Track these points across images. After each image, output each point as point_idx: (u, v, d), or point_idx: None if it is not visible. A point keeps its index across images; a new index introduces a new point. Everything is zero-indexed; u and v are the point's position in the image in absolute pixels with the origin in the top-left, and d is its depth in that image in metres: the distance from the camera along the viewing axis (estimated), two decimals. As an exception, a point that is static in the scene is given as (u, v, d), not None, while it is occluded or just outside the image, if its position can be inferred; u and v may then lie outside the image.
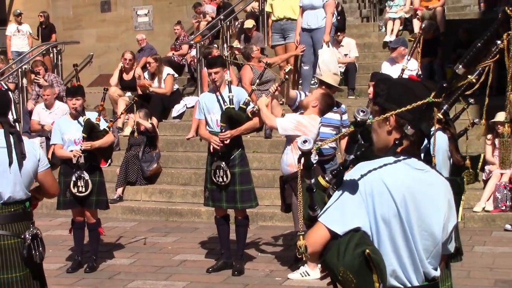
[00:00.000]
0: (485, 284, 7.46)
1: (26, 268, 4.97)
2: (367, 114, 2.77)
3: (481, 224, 9.78)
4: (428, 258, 2.98)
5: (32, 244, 4.92)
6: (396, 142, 2.96)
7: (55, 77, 14.59)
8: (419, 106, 2.90)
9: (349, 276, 2.79)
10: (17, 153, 4.90)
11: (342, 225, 2.87)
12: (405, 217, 2.91)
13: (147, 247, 9.36)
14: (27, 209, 5.04)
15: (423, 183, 2.98)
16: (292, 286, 7.60)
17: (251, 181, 8.12)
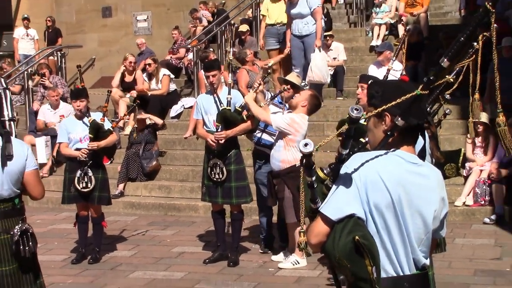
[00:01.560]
0: (465, 274, 7.51)
1: (16, 262, 4.95)
2: (360, 112, 2.79)
3: (461, 217, 9.83)
4: (420, 246, 3.00)
5: (21, 239, 4.91)
6: (388, 133, 2.99)
7: (60, 79, 14.62)
8: (408, 99, 2.92)
9: (344, 262, 2.81)
10: (2, 155, 4.85)
11: (337, 212, 2.89)
12: (399, 207, 2.93)
13: (148, 239, 9.39)
14: (16, 206, 4.99)
15: (416, 176, 3.00)
16: (284, 276, 7.64)
17: (245, 178, 8.16)
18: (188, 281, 7.54)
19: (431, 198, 3.02)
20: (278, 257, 8.13)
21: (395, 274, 2.95)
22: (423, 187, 3.00)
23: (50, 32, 18.23)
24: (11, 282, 4.95)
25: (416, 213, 2.97)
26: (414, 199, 2.97)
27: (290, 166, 7.53)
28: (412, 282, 2.97)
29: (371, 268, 2.78)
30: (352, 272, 2.82)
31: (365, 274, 2.80)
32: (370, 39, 15.49)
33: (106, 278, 7.77)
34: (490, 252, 8.30)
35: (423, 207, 2.99)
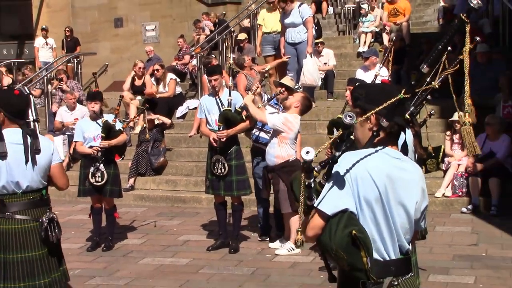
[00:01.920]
0: (445, 259, 7.48)
1: (44, 248, 4.96)
2: (353, 119, 2.80)
3: (441, 207, 9.81)
4: (404, 234, 3.01)
5: (48, 227, 4.92)
6: (374, 133, 3.00)
7: (76, 83, 14.59)
8: (392, 103, 2.93)
9: (341, 254, 2.82)
10: (31, 149, 4.89)
11: (332, 207, 2.90)
12: (386, 200, 2.94)
13: (156, 229, 9.35)
14: (43, 197, 5.02)
15: (400, 170, 3.01)
16: (281, 262, 7.60)
17: (245, 172, 8.13)
18: (193, 267, 7.50)
19: (413, 190, 3.03)
20: (275, 245, 8.10)
21: (382, 259, 2.96)
22: (406, 181, 3.01)
23: (69, 41, 18.19)
24: (40, 266, 4.97)
25: (400, 205, 2.98)
26: (399, 192, 2.98)
27: (284, 161, 7.52)
28: (397, 266, 3.00)
29: (366, 259, 2.80)
30: (349, 263, 2.84)
31: (360, 265, 2.82)
32: (357, 46, 15.48)
33: (118, 264, 7.72)
34: (467, 239, 8.27)
35: (406, 199, 3.00)
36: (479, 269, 7.10)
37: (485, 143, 9.97)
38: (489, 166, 9.73)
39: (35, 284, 4.94)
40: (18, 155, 4.86)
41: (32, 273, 4.92)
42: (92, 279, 7.14)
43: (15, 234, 4.89)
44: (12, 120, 4.93)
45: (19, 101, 5.05)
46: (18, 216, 4.90)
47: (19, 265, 4.91)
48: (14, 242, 4.89)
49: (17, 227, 4.90)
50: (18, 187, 4.88)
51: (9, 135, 4.89)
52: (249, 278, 7.03)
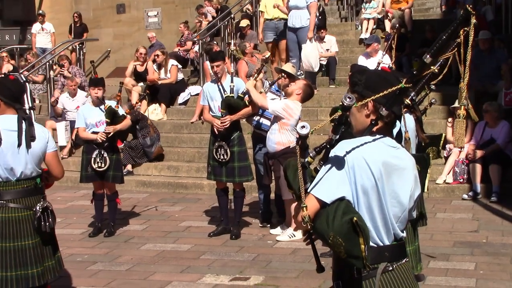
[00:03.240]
0: (446, 245, 7.48)
1: (37, 237, 4.96)
2: (353, 100, 2.78)
3: (442, 194, 9.80)
4: (397, 222, 3.00)
5: (42, 216, 4.91)
6: (373, 122, 2.97)
7: (78, 69, 14.55)
8: (393, 91, 2.91)
9: (339, 240, 2.80)
10: (27, 136, 4.87)
11: (330, 195, 2.87)
12: (381, 188, 2.92)
13: (158, 215, 9.35)
14: (38, 185, 5.02)
15: (395, 159, 3.00)
16: (282, 248, 7.60)
17: (247, 159, 8.11)
18: (194, 253, 7.51)
19: (406, 178, 3.02)
20: (276, 231, 8.10)
21: (376, 245, 2.95)
22: (400, 169, 3.00)
23: (78, 27, 18.10)
24: (34, 255, 4.97)
25: (394, 194, 2.97)
26: (394, 180, 2.96)
27: (284, 147, 7.51)
28: (391, 251, 2.99)
29: (364, 247, 2.78)
30: (346, 250, 2.81)
31: (357, 252, 2.80)
32: (359, 32, 15.43)
33: (120, 249, 7.73)
34: (468, 226, 8.27)
35: (400, 188, 2.99)
36: (480, 255, 7.10)
37: (485, 130, 9.97)
38: (490, 152, 9.72)
39: (27, 274, 4.91)
40: (13, 142, 4.84)
41: (25, 262, 4.90)
42: (94, 265, 7.15)
43: (9, 223, 4.88)
44: (8, 104, 4.91)
45: (15, 85, 5.04)
46: (12, 205, 4.88)
47: (12, 254, 4.88)
48: (7, 231, 4.87)
49: (10, 216, 4.88)
50: (13, 174, 4.86)
51: (4, 121, 4.87)
52: (250, 264, 7.04)
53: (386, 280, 2.96)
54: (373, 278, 2.94)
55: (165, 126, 12.73)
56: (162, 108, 13.10)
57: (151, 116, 12.90)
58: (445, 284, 6.26)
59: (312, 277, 6.43)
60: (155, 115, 12.96)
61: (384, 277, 2.96)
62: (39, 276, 4.98)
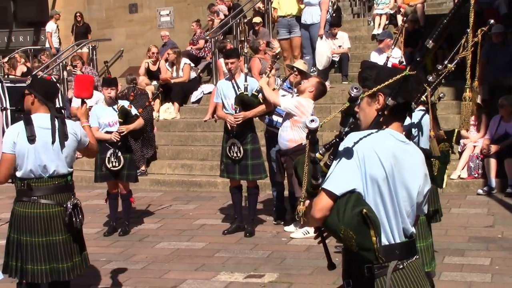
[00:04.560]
0: (460, 241, 7.44)
1: (68, 233, 5.05)
2: (360, 91, 2.76)
3: (457, 189, 9.77)
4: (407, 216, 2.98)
5: (72, 212, 4.97)
6: (379, 113, 2.95)
7: (91, 69, 14.60)
8: (398, 80, 2.88)
9: (349, 233, 2.78)
10: (60, 135, 4.95)
11: (340, 187, 2.85)
12: (391, 180, 2.91)
13: (172, 213, 9.37)
14: (69, 182, 5.11)
15: (405, 153, 2.98)
16: (296, 245, 7.60)
17: (261, 156, 8.11)
18: (209, 251, 7.52)
19: (416, 173, 3.00)
20: (290, 228, 8.09)
21: (388, 243, 2.93)
22: (410, 163, 2.98)
23: (80, 27, 18.13)
24: (64, 250, 5.06)
25: (404, 187, 2.95)
26: (403, 173, 2.95)
27: (296, 145, 7.51)
28: (402, 249, 2.97)
29: (375, 239, 2.76)
30: (357, 242, 2.79)
31: (369, 244, 2.77)
32: (371, 28, 15.38)
33: (134, 248, 7.75)
34: (483, 221, 8.23)
35: (409, 181, 2.97)
36: (495, 250, 7.06)
37: (500, 125, 9.91)
38: (504, 147, 9.66)
39: (58, 267, 5.03)
40: (46, 140, 4.95)
41: (56, 256, 5.01)
42: (109, 264, 7.18)
43: (40, 218, 4.97)
44: (42, 102, 5.03)
45: (50, 85, 5.18)
46: (43, 201, 4.97)
47: (45, 248, 4.98)
48: (39, 226, 4.97)
49: (42, 211, 4.97)
50: (45, 171, 4.95)
51: (38, 119, 4.98)
52: (265, 262, 7.04)
53: (397, 278, 2.94)
54: (384, 276, 2.92)
55: (178, 124, 12.76)
56: (175, 107, 13.12)
57: (164, 115, 12.94)
58: (460, 280, 6.24)
59: (326, 274, 6.40)
60: (168, 114, 12.99)
61: (395, 275, 2.94)
62: (69, 270, 5.09)
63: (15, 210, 5.07)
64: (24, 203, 5.00)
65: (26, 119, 4.98)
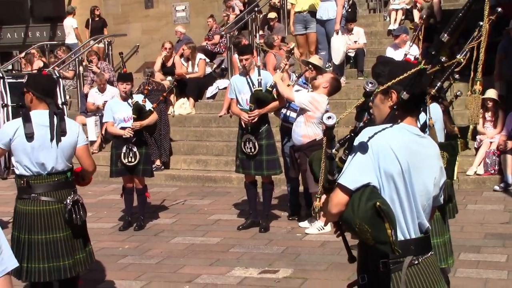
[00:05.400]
0: (476, 237, 7.41)
1: (69, 229, 5.04)
2: (374, 85, 2.75)
3: (473, 185, 9.71)
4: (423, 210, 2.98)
5: (73, 209, 4.96)
6: (394, 107, 2.95)
7: (107, 64, 14.65)
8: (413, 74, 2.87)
9: (365, 227, 2.77)
10: (58, 131, 4.94)
11: (354, 182, 2.85)
12: (407, 174, 2.90)
13: (187, 208, 9.39)
14: (68, 179, 5.09)
15: (420, 146, 2.98)
16: (311, 241, 7.59)
17: (275, 152, 8.10)
18: (223, 246, 7.53)
19: (432, 166, 3.00)
20: (305, 224, 8.09)
21: (403, 238, 2.92)
22: (425, 156, 2.98)
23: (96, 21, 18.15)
24: (65, 247, 5.05)
25: (419, 180, 2.94)
26: (419, 167, 2.94)
27: (310, 140, 7.49)
28: (417, 245, 2.97)
29: (390, 231, 2.75)
30: (373, 236, 2.78)
31: (384, 237, 2.76)
32: (387, 23, 15.30)
33: (150, 243, 7.78)
34: (499, 217, 8.18)
35: (425, 174, 2.96)
36: (511, 247, 7.01)
37: (517, 121, 9.85)
38: (521, 143, 9.60)
39: (59, 265, 5.00)
40: (45, 137, 4.93)
41: (57, 254, 4.98)
42: (124, 258, 7.21)
43: (40, 215, 4.96)
44: (40, 99, 4.99)
45: (47, 80, 5.12)
46: (43, 198, 4.96)
47: (44, 246, 4.97)
48: (39, 223, 4.96)
49: (42, 209, 4.96)
50: (44, 168, 4.94)
51: (37, 116, 4.96)
52: (279, 257, 7.04)
53: (412, 274, 2.94)
54: (399, 271, 2.92)
55: (193, 120, 12.77)
56: (191, 102, 13.14)
57: (180, 111, 12.95)
58: (476, 277, 6.21)
59: (341, 269, 6.41)
60: (184, 109, 13.01)
61: (410, 271, 2.94)
62: (71, 268, 5.06)
63: (16, 208, 5.08)
64: (24, 201, 5.01)
65: (25, 116, 4.96)
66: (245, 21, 14.84)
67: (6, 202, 9.77)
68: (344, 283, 5.87)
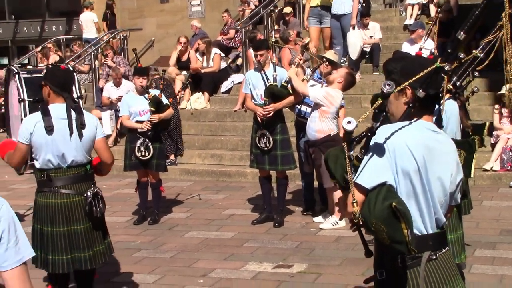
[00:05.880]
0: (492, 234, 7.36)
1: (88, 222, 5.09)
2: (392, 87, 2.74)
3: (489, 181, 9.66)
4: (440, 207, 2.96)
5: (93, 201, 5.00)
6: (410, 105, 2.93)
7: (122, 59, 14.69)
8: (429, 72, 2.85)
9: (381, 226, 2.76)
10: (77, 124, 4.98)
11: (370, 180, 2.84)
12: (424, 172, 2.89)
13: (201, 203, 9.41)
14: (88, 172, 5.14)
15: (436, 142, 2.96)
16: (325, 236, 7.58)
17: (290, 147, 8.09)
18: (238, 240, 7.54)
19: (448, 162, 2.98)
20: (319, 219, 8.08)
21: (420, 233, 2.91)
22: (441, 153, 2.96)
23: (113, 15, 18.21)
24: (85, 239, 5.11)
25: (436, 177, 2.93)
26: (435, 163, 2.92)
27: (325, 135, 7.48)
28: (435, 240, 2.96)
29: (407, 231, 2.74)
30: (389, 235, 2.77)
31: (400, 237, 2.75)
32: (403, 18, 15.23)
33: (164, 237, 7.80)
34: (515, 214, 8.13)
35: (442, 171, 2.95)
36: (527, 244, 6.98)
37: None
38: (539, 139, 9.54)
39: (80, 256, 5.07)
40: (64, 130, 4.97)
41: (77, 245, 5.05)
42: (139, 252, 7.23)
43: (61, 208, 5.01)
44: (57, 93, 5.03)
45: (64, 74, 5.16)
46: (63, 191, 5.01)
47: (65, 238, 5.02)
48: (60, 216, 5.01)
49: (62, 201, 5.01)
50: (64, 161, 4.98)
51: (55, 110, 5.00)
52: (293, 252, 7.04)
53: (431, 269, 2.93)
54: (417, 267, 2.91)
55: (208, 114, 12.79)
56: (205, 97, 13.15)
57: (195, 105, 12.97)
58: (491, 273, 6.17)
59: (356, 264, 6.40)
60: (199, 104, 13.03)
61: (428, 266, 2.93)
62: (91, 259, 5.13)
63: (37, 201, 5.13)
64: (45, 194, 5.05)
65: (43, 110, 5.00)
66: (261, 15, 14.82)
67: (22, 196, 9.85)
68: (358, 278, 5.88)
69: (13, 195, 10.06)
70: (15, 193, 10.30)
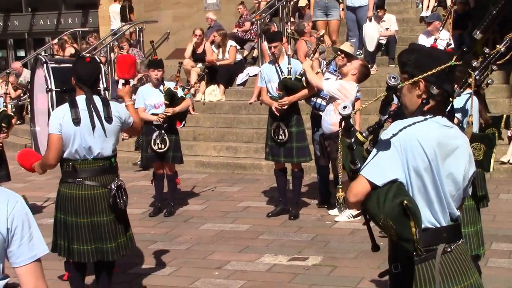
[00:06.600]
0: (508, 227, 7.31)
1: (112, 213, 5.10)
2: (397, 80, 2.74)
3: (506, 175, 9.60)
4: (453, 201, 2.95)
5: (116, 194, 5.02)
6: (424, 101, 2.92)
7: (138, 51, 14.71)
8: (443, 69, 2.84)
9: (389, 223, 2.76)
10: (104, 116, 5.00)
11: (381, 178, 2.83)
12: (435, 169, 2.87)
13: (217, 195, 9.42)
14: (112, 164, 5.16)
15: (448, 138, 2.94)
16: (340, 228, 7.57)
17: (306, 139, 8.08)
18: (253, 233, 7.54)
19: (460, 156, 2.96)
20: (334, 211, 8.06)
21: (433, 227, 2.91)
22: (454, 148, 2.94)
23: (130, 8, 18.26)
24: (108, 231, 5.13)
25: (448, 173, 2.91)
26: (448, 159, 2.91)
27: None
28: (449, 232, 2.95)
29: (415, 230, 2.74)
30: (397, 232, 2.77)
31: (408, 235, 2.75)
32: (420, 10, 15.16)
33: (179, 229, 7.82)
34: (532, 207, 8.08)
35: (454, 166, 2.93)
36: (544, 237, 6.93)
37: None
38: (556, 132, 9.46)
39: (102, 247, 5.09)
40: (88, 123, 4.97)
41: (100, 237, 5.08)
42: (154, 244, 7.25)
43: (85, 199, 5.04)
44: (78, 86, 5.05)
45: (86, 67, 5.12)
46: (88, 182, 5.03)
47: (89, 229, 5.05)
48: (84, 207, 5.04)
49: (86, 193, 5.04)
50: (90, 153, 5.01)
51: (82, 102, 5.01)
52: (309, 245, 7.03)
53: (446, 262, 2.93)
54: (432, 259, 2.91)
55: (223, 107, 12.79)
56: (221, 89, 13.15)
57: (210, 97, 12.97)
58: (508, 267, 6.14)
59: (371, 257, 6.38)
60: (214, 96, 13.03)
61: (443, 258, 2.92)
62: (113, 251, 5.15)
63: (60, 191, 5.14)
64: (69, 185, 5.07)
65: (71, 101, 5.02)
66: (276, 8, 14.77)
67: (39, 188, 9.91)
68: (373, 271, 5.86)
69: (30, 187, 10.13)
70: (32, 185, 10.36)
